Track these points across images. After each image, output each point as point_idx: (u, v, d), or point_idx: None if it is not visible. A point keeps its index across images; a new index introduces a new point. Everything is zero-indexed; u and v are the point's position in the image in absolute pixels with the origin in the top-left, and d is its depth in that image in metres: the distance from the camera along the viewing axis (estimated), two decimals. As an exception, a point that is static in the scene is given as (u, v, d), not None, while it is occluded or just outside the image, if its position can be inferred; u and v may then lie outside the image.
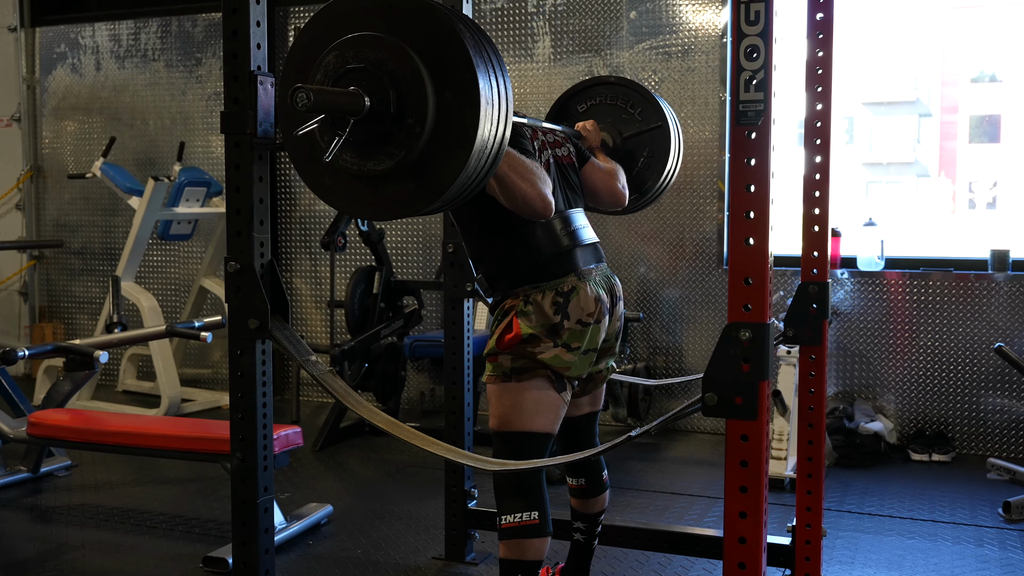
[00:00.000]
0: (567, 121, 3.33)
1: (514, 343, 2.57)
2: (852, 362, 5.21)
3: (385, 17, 2.02)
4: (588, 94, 3.33)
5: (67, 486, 4.44)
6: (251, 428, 2.41)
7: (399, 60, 1.98)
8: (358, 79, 1.99)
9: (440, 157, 1.99)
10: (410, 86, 1.97)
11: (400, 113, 1.98)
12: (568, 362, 2.59)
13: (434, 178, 2.01)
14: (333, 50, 2.03)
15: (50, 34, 7.01)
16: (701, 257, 5.47)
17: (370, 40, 2.01)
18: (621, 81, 3.31)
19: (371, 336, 5.23)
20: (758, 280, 1.92)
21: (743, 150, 1.92)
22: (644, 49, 5.48)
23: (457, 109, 1.97)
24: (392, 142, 2.00)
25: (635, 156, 3.24)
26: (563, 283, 2.60)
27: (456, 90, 1.97)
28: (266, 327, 2.35)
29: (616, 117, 3.28)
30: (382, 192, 2.05)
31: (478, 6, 5.76)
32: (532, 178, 2.46)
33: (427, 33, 1.98)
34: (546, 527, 2.56)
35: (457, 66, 1.97)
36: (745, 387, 1.91)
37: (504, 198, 2.46)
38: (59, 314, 7.10)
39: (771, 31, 1.89)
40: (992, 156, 35.48)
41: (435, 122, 1.98)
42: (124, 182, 6.00)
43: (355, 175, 2.05)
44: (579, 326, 2.59)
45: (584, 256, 2.68)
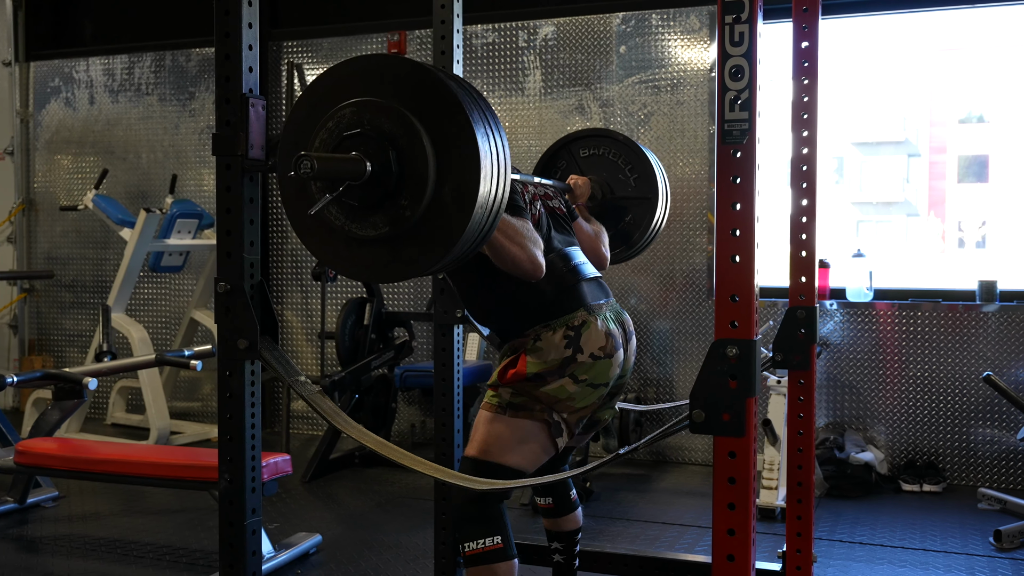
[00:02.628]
0: (566, 160, 3.37)
1: (516, 380, 2.56)
2: (842, 393, 5.21)
3: (383, 83, 2.04)
4: (595, 142, 3.36)
5: (54, 517, 4.40)
6: (239, 449, 2.40)
7: (399, 125, 1.99)
8: (358, 144, 2.01)
9: (438, 224, 2.00)
10: (411, 151, 1.99)
11: (400, 179, 2.00)
12: (571, 392, 2.55)
13: (431, 245, 2.03)
14: (333, 115, 2.05)
15: (44, 68, 7.06)
16: (691, 289, 5.49)
17: (371, 105, 2.02)
18: (628, 142, 3.33)
19: (361, 367, 5.22)
20: (744, 297, 1.94)
21: (729, 168, 1.95)
22: (634, 83, 5.54)
23: (458, 176, 1.98)
24: (384, 211, 2.02)
25: (620, 214, 3.28)
26: (573, 318, 2.59)
27: (457, 156, 1.98)
28: (255, 347, 2.35)
29: (612, 174, 3.32)
30: (364, 254, 2.09)
31: (469, 41, 5.83)
32: (522, 240, 2.48)
33: (426, 98, 2.00)
34: (510, 550, 2.55)
35: (458, 133, 1.98)
36: (732, 404, 1.91)
37: (494, 259, 2.48)
38: (49, 347, 7.08)
39: (755, 52, 1.93)
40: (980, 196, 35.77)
41: (435, 189, 1.99)
42: (116, 214, 6.02)
43: (344, 235, 2.07)
44: (591, 359, 2.57)
45: (591, 291, 2.68)
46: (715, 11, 5.43)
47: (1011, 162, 35.32)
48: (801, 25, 2.97)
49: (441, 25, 3.32)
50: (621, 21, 5.56)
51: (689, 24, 5.43)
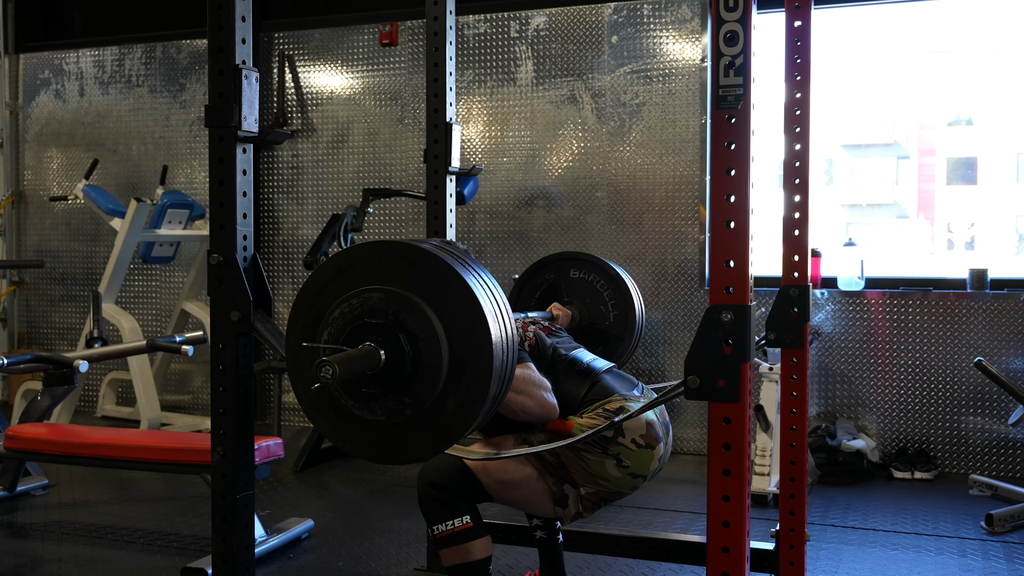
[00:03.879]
0: (554, 274, 3.44)
1: (556, 429, 2.55)
2: (834, 382, 5.22)
3: (386, 268, 2.01)
4: (587, 267, 3.43)
5: (44, 504, 4.38)
6: (232, 422, 2.39)
7: (410, 312, 1.96)
8: (369, 333, 1.97)
9: (434, 429, 1.99)
10: (424, 337, 1.96)
11: (414, 364, 1.97)
12: (611, 476, 2.55)
13: (422, 445, 2.02)
14: (342, 303, 2.02)
15: (34, 60, 7.03)
16: (683, 279, 5.50)
17: (379, 294, 1.99)
18: (618, 280, 3.37)
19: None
20: (739, 262, 1.93)
21: (723, 134, 1.94)
22: (625, 73, 5.55)
23: (472, 353, 1.96)
24: (391, 400, 1.99)
25: (592, 343, 3.31)
26: (608, 402, 2.60)
27: (468, 336, 1.96)
28: (248, 320, 2.35)
29: (594, 304, 3.38)
30: (361, 432, 2.07)
31: (460, 31, 5.82)
32: (528, 388, 2.49)
33: (430, 281, 1.98)
34: (481, 527, 2.56)
35: (468, 312, 1.96)
36: (727, 369, 1.91)
37: (504, 412, 2.47)
38: (39, 340, 7.05)
39: (750, 16, 1.92)
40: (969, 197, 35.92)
41: (439, 398, 1.97)
42: (107, 204, 5.99)
43: (337, 403, 2.05)
44: (633, 446, 2.55)
45: (617, 382, 2.71)
46: (706, 2, 5.46)
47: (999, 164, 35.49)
48: (793, 21, 2.98)
49: (434, 21, 3.33)
50: (613, 11, 5.56)
51: (681, 14, 5.44)
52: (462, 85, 5.83)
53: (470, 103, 5.85)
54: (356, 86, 6.17)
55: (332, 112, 6.22)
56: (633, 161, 5.55)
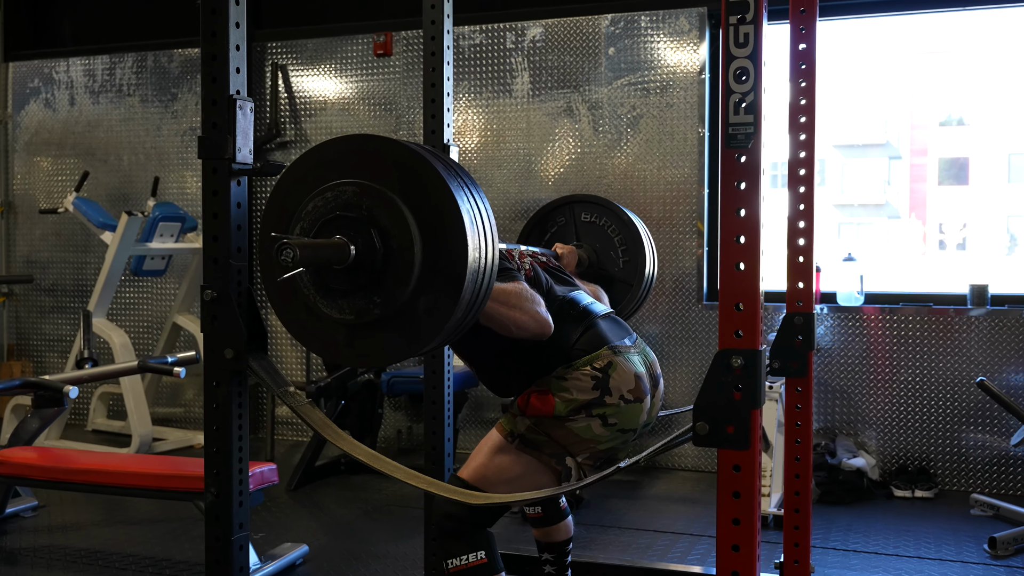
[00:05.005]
0: (565, 217, 3.36)
1: (540, 414, 2.47)
2: (833, 398, 5.18)
3: (367, 164, 1.99)
4: (599, 211, 3.35)
5: (33, 527, 4.31)
6: (226, 462, 2.32)
7: (385, 207, 1.94)
8: (348, 227, 1.95)
9: (405, 330, 1.96)
10: (397, 234, 1.93)
11: (385, 262, 1.94)
12: (598, 436, 2.47)
13: (418, 329, 1.97)
14: (320, 193, 1.99)
15: (23, 69, 6.94)
16: (681, 293, 5.44)
17: (354, 187, 1.96)
18: (630, 224, 3.30)
19: (348, 373, 5.15)
20: (750, 305, 1.88)
21: (733, 174, 1.88)
22: (623, 85, 5.49)
23: (444, 256, 1.93)
24: (359, 300, 1.97)
25: (604, 284, 3.24)
26: (596, 358, 2.49)
27: (443, 237, 1.93)
28: (243, 357, 2.28)
29: (605, 248, 3.30)
30: (331, 333, 2.05)
31: (456, 42, 5.76)
32: (519, 302, 2.40)
33: (410, 179, 1.95)
34: (496, 564, 2.48)
35: (444, 213, 1.94)
36: (737, 415, 1.86)
37: (497, 328, 2.39)
38: (28, 352, 6.97)
39: (760, 53, 1.87)
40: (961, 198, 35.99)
41: (411, 298, 1.94)
42: (97, 217, 5.92)
43: (306, 303, 2.03)
44: (621, 402, 2.48)
45: (611, 329, 2.60)
46: (704, 13, 5.41)
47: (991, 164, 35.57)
48: (799, 27, 2.93)
49: (431, 25, 3.26)
50: (610, 23, 5.51)
51: (679, 26, 5.39)
52: (458, 96, 5.77)
53: (466, 114, 5.79)
54: (350, 96, 6.11)
55: (326, 122, 6.15)
56: (630, 174, 5.49)
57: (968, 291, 5.00)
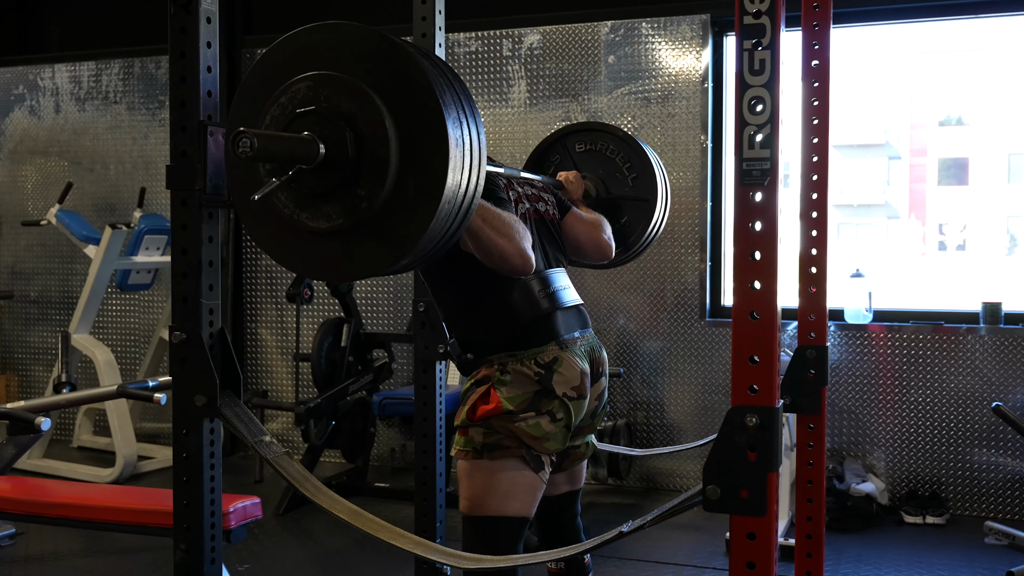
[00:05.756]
0: (560, 155, 3.16)
1: (489, 416, 2.36)
2: (840, 418, 5.01)
3: (345, 55, 1.82)
4: (592, 137, 3.14)
5: (10, 557, 4.14)
6: (197, 516, 2.15)
7: (359, 103, 1.77)
8: (312, 123, 1.78)
9: (399, 219, 1.78)
10: (371, 132, 1.76)
11: (358, 164, 1.77)
12: (548, 432, 2.37)
13: (390, 242, 1.79)
14: (286, 89, 1.82)
15: (8, 75, 6.76)
16: (683, 308, 5.27)
17: (330, 80, 1.79)
18: (628, 139, 3.11)
19: (338, 392, 4.98)
20: (765, 358, 1.71)
21: (748, 214, 1.71)
22: (623, 94, 5.32)
23: (423, 160, 1.76)
24: (339, 201, 1.79)
25: (615, 214, 3.05)
26: (543, 352, 2.39)
27: (422, 139, 1.76)
28: (214, 404, 2.11)
29: (608, 172, 3.10)
30: (316, 248, 1.86)
31: (451, 49, 5.59)
32: (509, 232, 2.27)
33: (391, 75, 1.78)
34: None
35: (424, 112, 1.76)
36: (752, 479, 1.70)
37: (479, 254, 2.27)
38: (13, 365, 6.79)
39: (778, 81, 1.70)
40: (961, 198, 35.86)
41: (396, 178, 1.76)
42: (80, 230, 5.74)
43: (292, 225, 1.85)
44: (565, 399, 2.38)
45: (566, 321, 2.48)
46: (708, 20, 5.23)
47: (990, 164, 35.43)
48: (811, 42, 2.76)
49: (422, 39, 3.09)
50: (610, 30, 5.33)
51: (681, 33, 5.21)
52: (452, 105, 5.59)
53: (460, 124, 5.62)
54: (342, 105, 5.92)
55: (317, 132, 5.98)
56: (630, 186, 5.31)
57: (980, 309, 4.83)
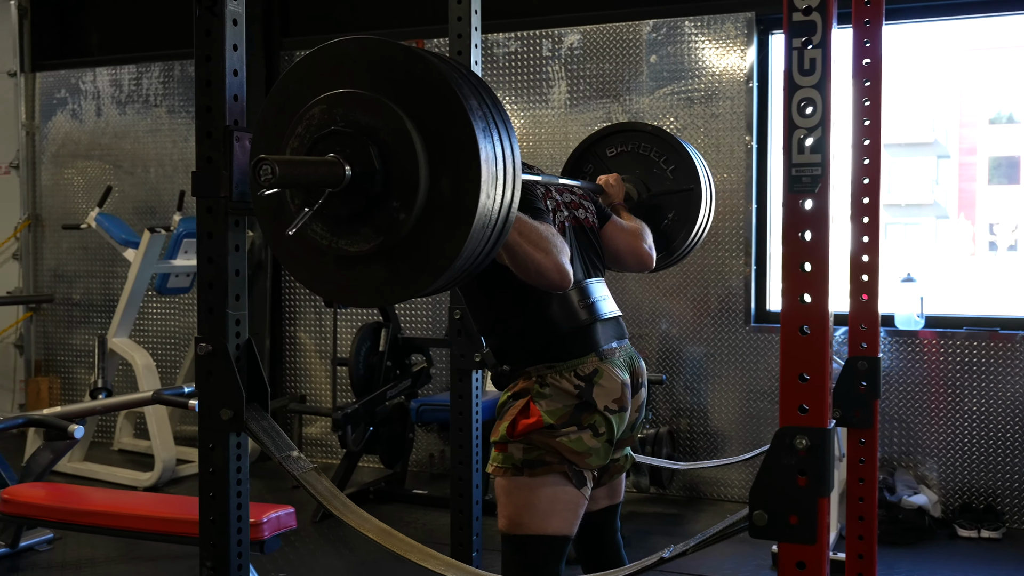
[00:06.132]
0: (593, 163, 3.06)
1: (530, 431, 2.28)
2: (892, 427, 4.85)
3: (355, 71, 1.73)
4: (621, 138, 3.05)
5: (47, 563, 4.13)
6: (223, 533, 2.09)
7: (376, 113, 1.68)
8: (334, 145, 1.69)
9: (430, 241, 1.69)
10: (393, 140, 1.67)
11: (386, 186, 1.69)
12: (591, 448, 2.29)
13: (421, 266, 1.71)
14: (301, 118, 1.74)
15: (50, 79, 6.80)
16: (727, 313, 5.15)
17: (343, 98, 1.71)
18: (658, 132, 3.02)
19: (376, 397, 4.92)
20: (817, 376, 1.61)
21: (797, 223, 1.61)
22: (665, 94, 5.20)
23: (452, 155, 1.67)
24: (373, 221, 1.70)
25: (661, 213, 2.95)
26: (582, 364, 2.31)
27: (446, 133, 1.67)
28: (240, 418, 2.05)
29: (646, 170, 3.00)
30: (357, 274, 1.77)
31: (490, 50, 5.51)
32: (547, 245, 2.17)
33: (403, 79, 1.69)
34: None
35: (443, 106, 1.67)
36: (801, 505, 1.59)
37: (515, 268, 2.18)
38: (56, 368, 6.83)
39: (829, 81, 1.60)
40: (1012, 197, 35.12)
41: (426, 200, 1.68)
42: (119, 233, 5.74)
43: (324, 250, 1.76)
44: (607, 413, 2.30)
45: (605, 332, 2.39)
46: (752, 18, 5.10)
47: (1044, 163, 34.65)
48: (863, 39, 2.64)
49: (458, 39, 3.01)
50: (652, 29, 5.22)
51: (725, 32, 5.09)
52: (491, 106, 5.51)
53: (500, 125, 5.53)
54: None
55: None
56: (673, 188, 5.20)
57: (1038, 314, 4.66)
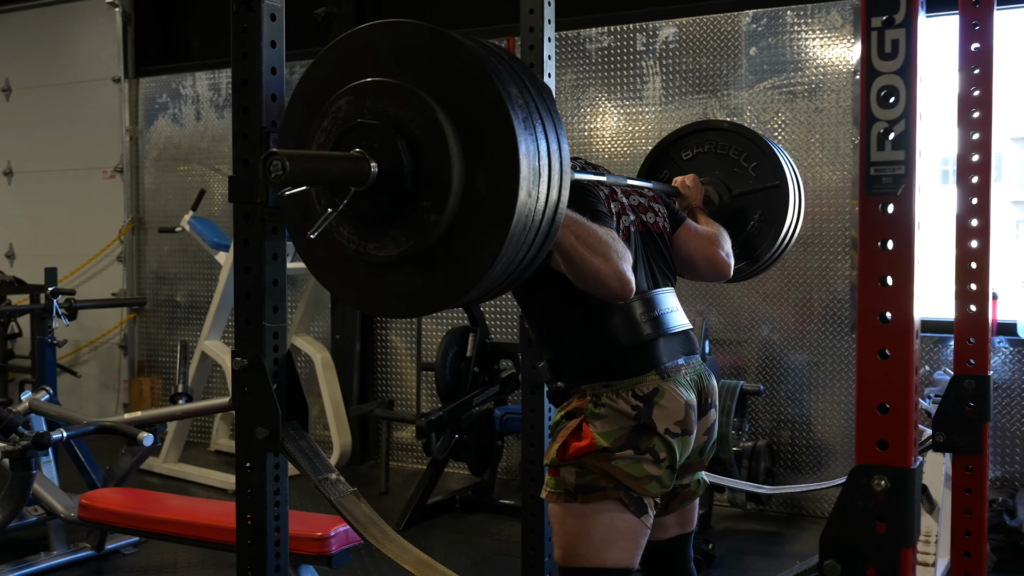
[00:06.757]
0: (668, 168, 2.86)
1: (582, 454, 2.10)
2: (1012, 444, 4.49)
3: (382, 58, 1.58)
4: (696, 139, 2.84)
5: (130, 566, 4.13)
6: (261, 558, 1.98)
7: (404, 102, 1.52)
8: (360, 139, 1.54)
9: (466, 244, 1.53)
10: (423, 132, 1.51)
11: (416, 184, 1.53)
12: (652, 475, 2.10)
13: (456, 272, 1.54)
14: (326, 112, 1.59)
15: (152, 84, 6.90)
16: (832, 319, 4.85)
17: (367, 88, 1.56)
18: (735, 128, 2.81)
19: (462, 404, 4.80)
20: (899, 406, 1.40)
21: (877, 229, 1.41)
22: (766, 89, 4.93)
23: (489, 149, 1.50)
24: (403, 222, 1.54)
25: (745, 216, 2.73)
26: (641, 382, 2.11)
27: (482, 124, 1.50)
28: (276, 437, 1.93)
29: (726, 170, 2.78)
30: (388, 281, 1.62)
31: (582, 45, 5.32)
32: (606, 251, 1.98)
33: (436, 64, 1.53)
34: None
35: (479, 94, 1.49)
36: (881, 555, 1.38)
37: (572, 276, 1.99)
38: (157, 369, 6.93)
39: (915, 66, 1.38)
40: None
41: (460, 199, 1.51)
42: (211, 236, 5.77)
43: (353, 255, 1.61)
44: (668, 436, 2.10)
45: (669, 348, 2.19)
46: (859, 5, 4.78)
47: None
48: (971, 22, 2.37)
49: (529, 33, 2.85)
50: (751, 19, 4.95)
51: (830, 21, 4.79)
52: (584, 103, 5.33)
53: (593, 122, 5.34)
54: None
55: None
56: (774, 187, 4.93)
57: None
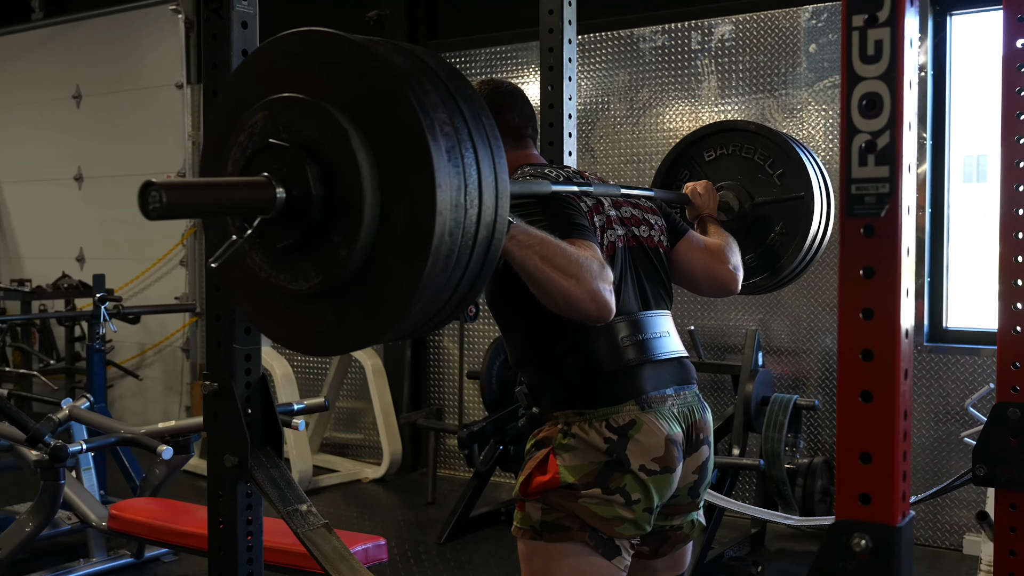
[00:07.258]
0: (688, 169, 2.69)
1: (545, 489, 1.92)
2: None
3: (305, 71, 1.44)
4: (720, 140, 2.68)
5: (169, 575, 4.12)
6: (232, 593, 1.90)
7: (318, 124, 1.38)
8: (271, 161, 1.40)
9: (379, 282, 1.38)
10: (336, 159, 1.36)
11: (326, 215, 1.38)
12: (624, 517, 1.90)
13: (373, 310, 1.40)
14: (243, 126, 1.45)
15: (214, 90, 6.94)
16: (896, 330, 4.59)
17: (283, 104, 1.42)
18: (763, 131, 2.64)
19: (507, 415, 4.68)
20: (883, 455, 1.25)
21: (858, 255, 1.25)
22: (826, 87, 4.70)
23: (406, 180, 1.34)
24: (314, 255, 1.40)
25: (767, 226, 2.56)
26: (617, 413, 1.91)
27: (399, 152, 1.35)
28: (246, 465, 1.84)
29: (750, 175, 2.61)
30: (303, 315, 1.48)
31: (636, 44, 5.15)
32: (577, 270, 1.77)
33: (355, 82, 1.39)
34: None
35: (397, 119, 1.34)
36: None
37: (542, 299, 1.80)
38: (218, 372, 6.98)
39: (901, 71, 1.22)
40: None
41: (375, 234, 1.36)
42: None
43: (276, 291, 1.47)
44: (642, 473, 1.90)
45: (656, 376, 1.98)
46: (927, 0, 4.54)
47: None
48: (1016, 16, 2.16)
49: (549, 35, 2.74)
50: (811, 15, 4.72)
51: (895, 15, 4.53)
52: (637, 105, 5.16)
53: (645, 123, 5.17)
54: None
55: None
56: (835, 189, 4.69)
57: None
